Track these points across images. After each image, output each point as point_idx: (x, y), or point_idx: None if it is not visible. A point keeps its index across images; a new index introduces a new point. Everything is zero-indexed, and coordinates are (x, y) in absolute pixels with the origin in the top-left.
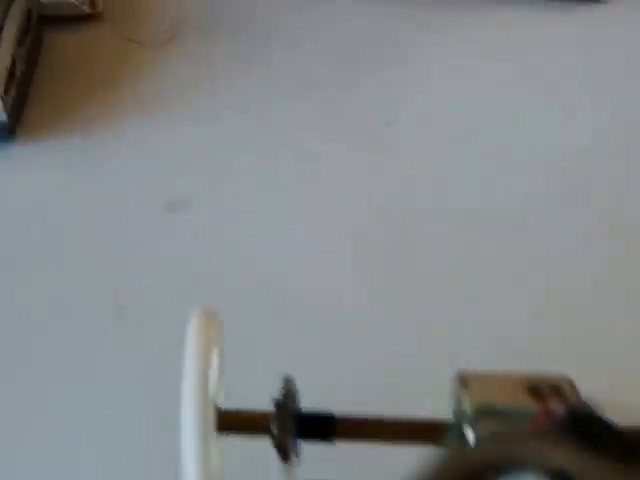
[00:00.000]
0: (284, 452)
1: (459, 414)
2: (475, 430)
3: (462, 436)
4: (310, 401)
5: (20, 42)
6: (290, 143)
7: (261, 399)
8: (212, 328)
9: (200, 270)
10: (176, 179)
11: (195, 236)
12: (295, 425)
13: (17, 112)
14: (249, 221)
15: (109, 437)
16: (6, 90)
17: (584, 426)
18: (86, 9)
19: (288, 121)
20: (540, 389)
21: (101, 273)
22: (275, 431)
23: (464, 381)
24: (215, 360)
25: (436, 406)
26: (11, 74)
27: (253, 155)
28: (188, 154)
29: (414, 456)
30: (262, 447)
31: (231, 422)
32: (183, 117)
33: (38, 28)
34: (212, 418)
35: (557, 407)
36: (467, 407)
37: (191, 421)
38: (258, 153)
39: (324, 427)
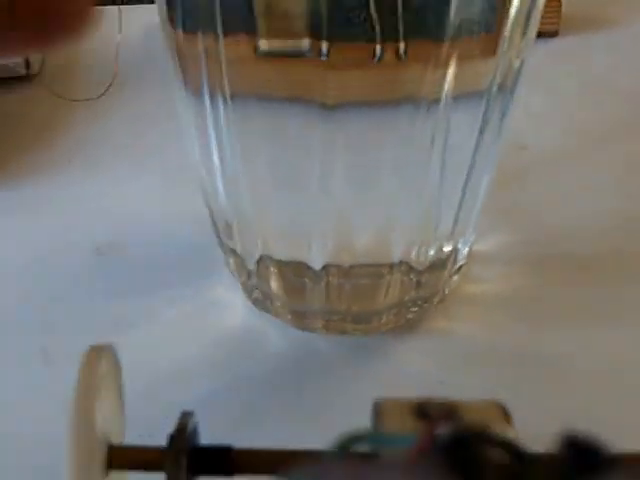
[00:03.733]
0: None
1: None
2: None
3: None
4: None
5: None
6: None
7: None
8: (102, 361)
9: None
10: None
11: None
12: (189, 459)
13: None
14: None
15: None
16: None
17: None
18: (22, 71)
19: None
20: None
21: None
22: (167, 467)
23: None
24: (109, 394)
25: None
26: None
27: None
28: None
29: None
30: None
31: (122, 458)
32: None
33: None
34: (98, 455)
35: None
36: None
37: (72, 457)
38: None
39: (220, 461)
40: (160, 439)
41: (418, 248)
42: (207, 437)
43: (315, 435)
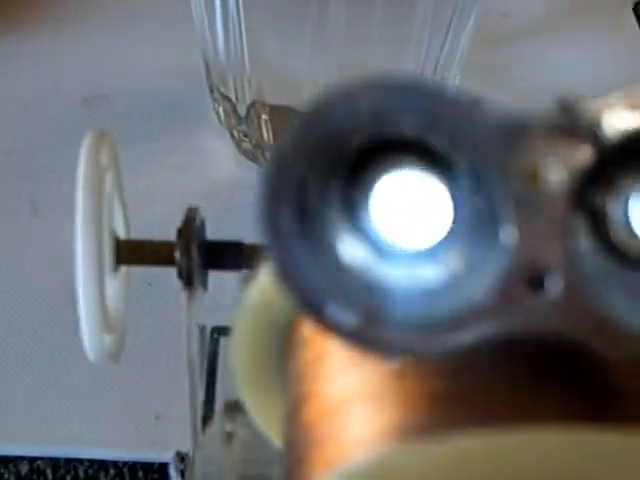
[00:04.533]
0: (188, 278)
1: None
2: None
3: None
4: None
5: None
6: None
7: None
8: (103, 150)
9: None
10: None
11: None
12: (201, 253)
13: None
14: None
15: None
16: None
17: None
18: None
19: None
20: None
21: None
22: (179, 258)
23: None
24: (110, 185)
25: None
26: None
27: None
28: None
29: None
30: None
31: (132, 253)
32: None
33: None
34: (108, 247)
35: None
36: None
37: (84, 251)
38: None
39: (232, 254)
40: None
41: None
42: None
43: None
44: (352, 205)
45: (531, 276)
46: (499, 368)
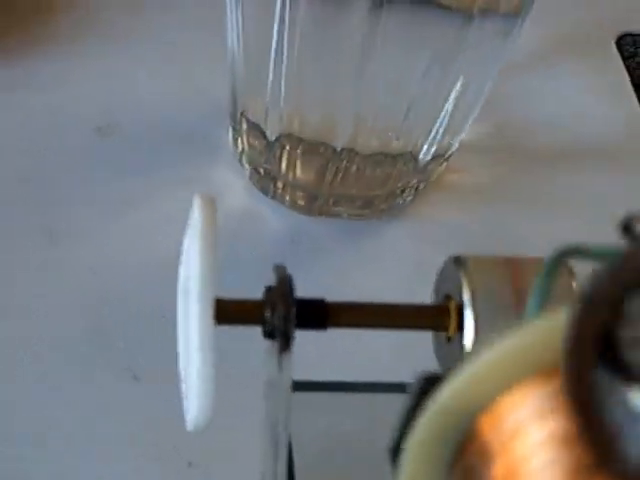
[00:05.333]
0: (285, 341)
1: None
2: None
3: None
4: None
5: None
6: None
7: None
8: (215, 217)
9: None
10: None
11: None
12: (293, 308)
13: None
14: None
15: None
16: None
17: None
18: None
19: None
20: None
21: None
22: (273, 318)
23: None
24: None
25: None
26: None
27: None
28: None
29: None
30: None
31: (227, 312)
32: None
33: None
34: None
35: None
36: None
37: (198, 312)
38: None
39: (320, 313)
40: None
41: (426, 141)
42: None
43: None
44: None
45: None
46: None
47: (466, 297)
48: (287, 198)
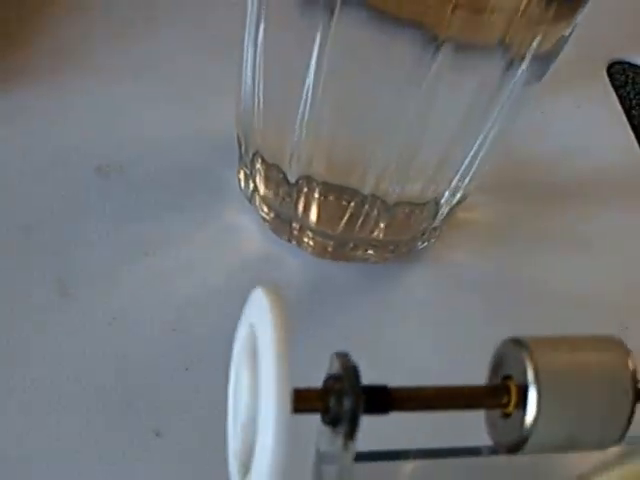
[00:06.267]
0: (350, 432)
1: None
2: None
3: None
4: None
5: None
6: None
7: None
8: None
9: None
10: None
11: None
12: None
13: None
14: None
15: None
16: None
17: None
18: None
19: None
20: None
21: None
22: (337, 407)
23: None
24: None
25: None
26: None
27: None
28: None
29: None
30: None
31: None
32: None
33: None
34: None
35: None
36: None
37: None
38: None
39: (385, 400)
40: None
41: (451, 187)
42: None
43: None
44: None
45: None
46: None
47: (530, 376)
48: (305, 240)
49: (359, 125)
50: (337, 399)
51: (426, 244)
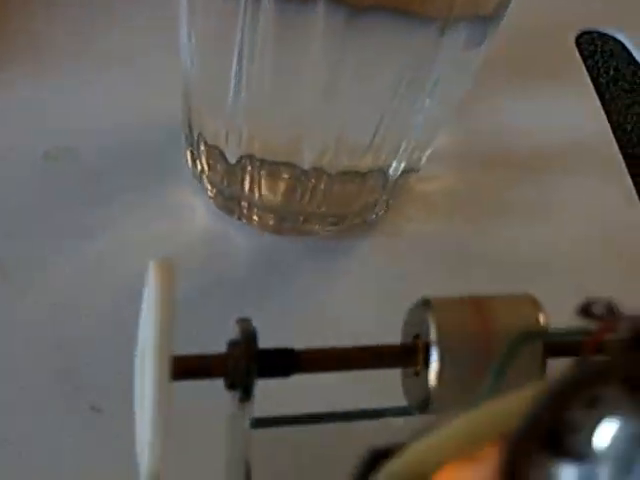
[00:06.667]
0: (245, 393)
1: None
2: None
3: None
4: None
5: None
6: None
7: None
8: (172, 282)
9: None
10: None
11: None
12: (255, 363)
13: None
14: None
15: None
16: None
17: None
18: None
19: None
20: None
21: None
22: (234, 372)
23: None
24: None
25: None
26: None
27: None
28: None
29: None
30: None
31: (185, 368)
32: None
33: None
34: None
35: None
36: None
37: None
38: None
39: (285, 362)
40: None
41: (396, 157)
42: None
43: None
44: None
45: None
46: None
47: (433, 336)
48: (254, 218)
49: (292, 102)
50: (235, 364)
51: (376, 216)
